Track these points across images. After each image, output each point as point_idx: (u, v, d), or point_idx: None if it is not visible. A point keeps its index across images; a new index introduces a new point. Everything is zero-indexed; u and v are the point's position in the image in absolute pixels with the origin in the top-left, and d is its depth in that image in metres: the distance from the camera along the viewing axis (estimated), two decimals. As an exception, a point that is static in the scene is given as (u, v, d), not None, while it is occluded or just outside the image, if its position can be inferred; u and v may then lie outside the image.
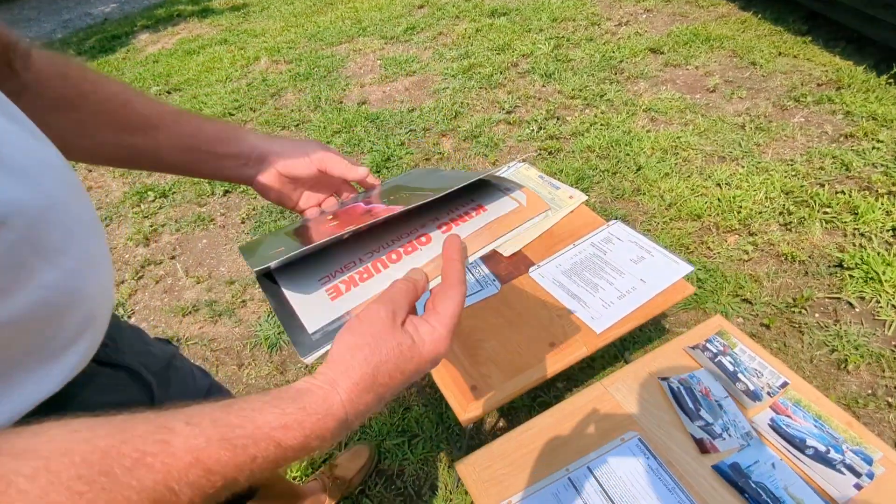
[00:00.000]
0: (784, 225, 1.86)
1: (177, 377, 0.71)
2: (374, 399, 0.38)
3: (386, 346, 0.39)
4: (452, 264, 0.45)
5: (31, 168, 0.40)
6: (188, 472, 0.29)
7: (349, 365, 0.37)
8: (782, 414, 0.91)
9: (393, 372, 0.38)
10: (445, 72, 3.10)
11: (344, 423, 0.36)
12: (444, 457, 1.41)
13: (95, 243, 0.47)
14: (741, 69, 2.70)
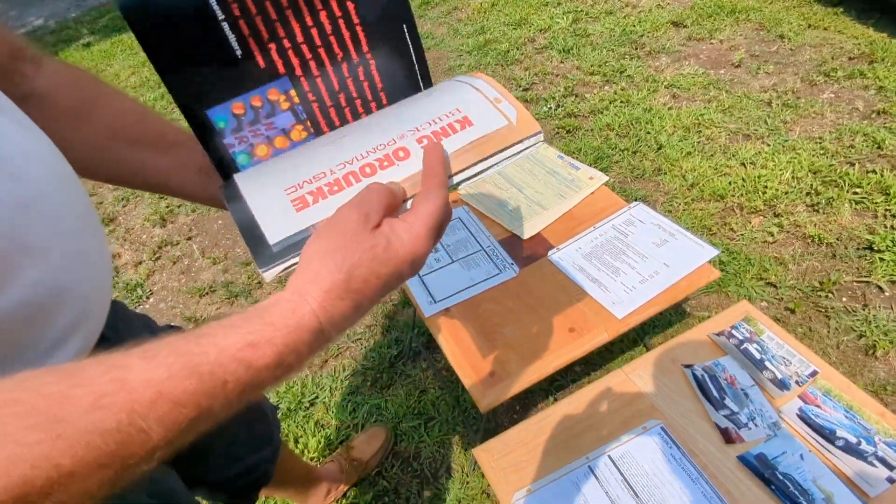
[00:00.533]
0: (811, 206, 1.80)
1: None
2: (351, 307, 0.35)
3: (359, 249, 0.35)
4: (433, 169, 0.41)
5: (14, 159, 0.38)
6: (153, 407, 0.27)
7: (317, 272, 0.34)
8: (811, 404, 0.88)
9: (368, 276, 0.35)
10: (461, 48, 3.03)
11: (319, 334, 0.33)
12: (460, 440, 1.41)
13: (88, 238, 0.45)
14: (768, 43, 2.60)
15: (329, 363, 1.66)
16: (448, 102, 0.49)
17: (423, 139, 0.46)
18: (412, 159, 0.45)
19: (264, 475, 0.86)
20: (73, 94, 0.50)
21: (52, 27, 4.78)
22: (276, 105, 0.48)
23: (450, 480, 1.34)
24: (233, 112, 0.46)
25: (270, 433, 0.88)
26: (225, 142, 0.47)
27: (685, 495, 0.80)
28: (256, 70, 0.46)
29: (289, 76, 0.47)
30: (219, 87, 0.45)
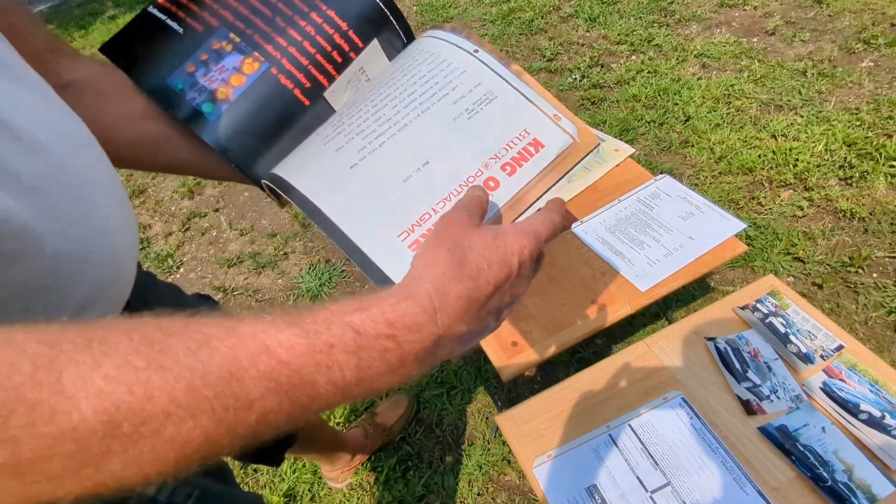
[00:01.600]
0: (844, 179, 1.75)
1: None
2: (466, 292, 0.33)
3: (467, 237, 0.35)
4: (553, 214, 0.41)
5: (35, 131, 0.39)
6: (257, 359, 0.25)
7: (430, 260, 0.34)
8: (835, 378, 0.88)
9: (479, 262, 0.34)
10: (484, 17, 2.98)
11: (431, 313, 0.31)
12: (482, 408, 1.45)
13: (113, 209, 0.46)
14: (805, 8, 2.49)
15: (353, 333, 1.70)
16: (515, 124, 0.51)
17: (507, 166, 0.48)
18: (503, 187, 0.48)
19: (289, 437, 0.90)
20: (110, 79, 0.53)
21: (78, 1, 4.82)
22: (221, 51, 0.52)
23: (471, 447, 1.38)
24: (187, 72, 0.51)
25: None
26: (187, 98, 0.51)
27: (705, 464, 0.82)
28: (196, 34, 0.52)
29: (224, 25, 0.52)
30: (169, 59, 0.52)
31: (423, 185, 0.48)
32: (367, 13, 0.55)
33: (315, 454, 1.29)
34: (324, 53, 0.53)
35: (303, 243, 2.04)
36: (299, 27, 0.53)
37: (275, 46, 0.52)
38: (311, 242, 2.03)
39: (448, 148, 0.50)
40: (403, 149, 0.49)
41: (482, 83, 0.53)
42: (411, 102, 0.51)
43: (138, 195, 2.48)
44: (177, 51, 0.52)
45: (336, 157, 0.49)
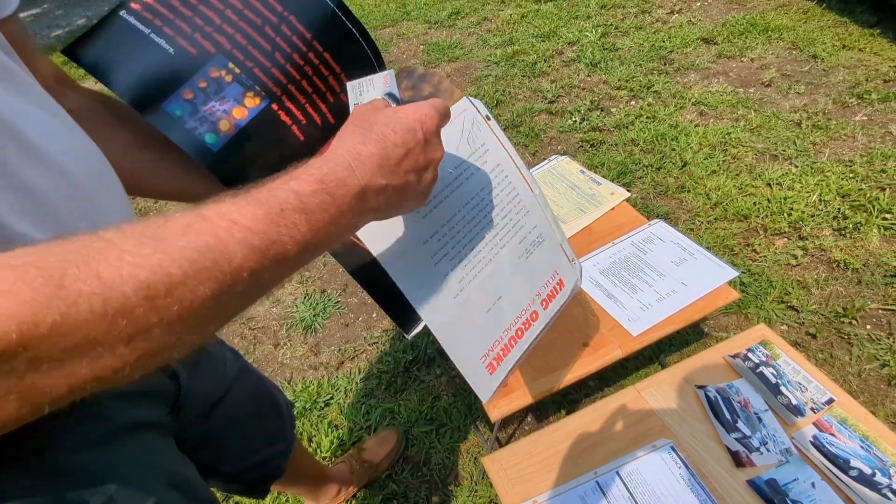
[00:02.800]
0: (838, 230, 1.77)
1: (208, 364, 0.73)
2: (376, 151, 0.41)
3: (370, 116, 0.44)
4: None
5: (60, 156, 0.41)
6: (231, 231, 0.32)
7: (341, 136, 0.42)
8: (826, 432, 0.88)
9: (383, 129, 0.42)
10: (488, 58, 3.06)
11: (350, 169, 0.39)
12: (471, 448, 1.42)
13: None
14: (800, 62, 2.57)
15: (345, 365, 1.69)
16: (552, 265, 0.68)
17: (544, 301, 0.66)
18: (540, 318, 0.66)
19: (277, 469, 0.89)
20: (108, 108, 0.55)
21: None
22: (220, 81, 0.52)
23: (458, 488, 1.35)
24: (184, 99, 0.51)
25: (284, 429, 0.90)
26: (188, 126, 0.51)
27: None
28: (190, 58, 0.51)
29: (220, 53, 0.52)
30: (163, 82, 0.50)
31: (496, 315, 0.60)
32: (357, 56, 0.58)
33: (299, 488, 1.27)
34: (319, 94, 0.56)
35: (299, 273, 2.04)
36: (298, 65, 0.54)
37: (275, 82, 0.53)
38: (307, 272, 2.04)
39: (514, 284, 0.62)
40: (488, 284, 0.61)
41: (537, 226, 0.66)
42: (494, 237, 0.62)
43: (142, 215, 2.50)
44: (170, 74, 0.50)
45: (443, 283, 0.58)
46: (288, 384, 1.66)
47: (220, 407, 0.74)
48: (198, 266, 0.30)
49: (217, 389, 0.74)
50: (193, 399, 0.68)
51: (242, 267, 0.32)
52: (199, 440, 0.72)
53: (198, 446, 0.72)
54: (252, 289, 0.34)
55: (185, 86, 0.51)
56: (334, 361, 1.71)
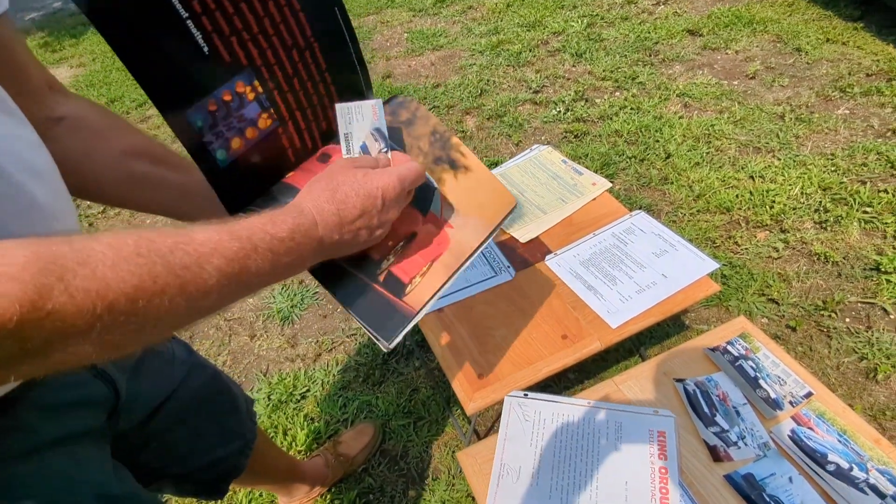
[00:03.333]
0: (819, 223, 1.77)
1: (151, 364, 0.69)
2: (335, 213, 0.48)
3: (342, 175, 0.50)
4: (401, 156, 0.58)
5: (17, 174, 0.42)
6: (211, 257, 0.37)
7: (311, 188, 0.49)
8: (804, 426, 0.86)
9: (349, 192, 0.49)
10: (473, 47, 3.02)
11: (314, 227, 0.46)
12: (448, 441, 1.40)
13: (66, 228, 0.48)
14: (784, 55, 2.56)
15: (322, 357, 1.66)
16: None
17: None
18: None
19: (234, 468, 0.86)
20: (100, 117, 0.56)
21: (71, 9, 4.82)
22: (243, 97, 0.51)
23: (436, 482, 1.33)
24: (208, 110, 0.49)
25: (242, 426, 0.87)
26: (205, 139, 0.50)
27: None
28: (223, 65, 0.49)
29: (251, 67, 0.51)
30: (192, 87, 0.47)
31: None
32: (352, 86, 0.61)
33: (271, 485, 1.24)
34: (317, 122, 0.59)
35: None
36: (308, 94, 0.57)
37: (287, 107, 0.55)
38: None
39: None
40: None
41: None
42: None
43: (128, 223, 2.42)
44: (199, 76, 0.48)
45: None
46: (264, 376, 1.62)
47: (167, 406, 0.70)
48: (179, 280, 0.35)
49: (162, 390, 0.70)
50: (135, 402, 0.64)
51: (213, 287, 0.38)
52: (143, 441, 0.68)
53: (140, 447, 0.68)
54: (214, 304, 0.39)
55: (210, 95, 0.49)
56: (311, 353, 1.67)
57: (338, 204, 0.47)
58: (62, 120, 0.54)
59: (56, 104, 0.54)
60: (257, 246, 0.40)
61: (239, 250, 0.39)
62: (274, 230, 0.42)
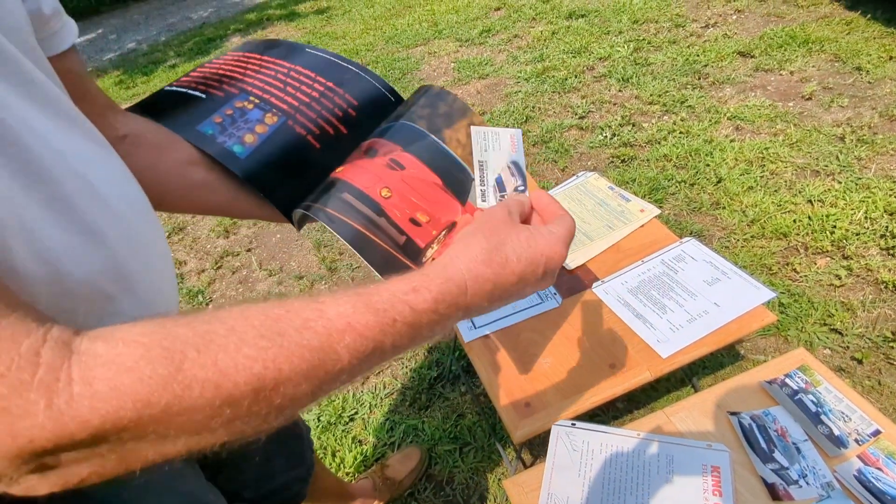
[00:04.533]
0: (886, 249, 1.68)
1: None
2: (491, 277, 0.41)
3: (504, 232, 0.43)
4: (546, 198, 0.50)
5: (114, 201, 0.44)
6: (344, 335, 0.34)
7: (468, 244, 0.42)
8: (872, 466, 0.82)
9: (510, 255, 0.42)
10: (518, 75, 3.07)
11: (464, 292, 0.40)
12: (495, 469, 1.40)
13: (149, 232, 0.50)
14: (843, 75, 2.47)
15: (371, 380, 1.69)
16: None
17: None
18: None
19: (298, 494, 0.88)
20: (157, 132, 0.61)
21: (144, 50, 5.22)
22: (244, 109, 0.61)
23: (482, 509, 1.33)
24: (214, 122, 0.60)
25: (303, 453, 0.90)
26: (218, 140, 0.59)
27: (724, 551, 0.76)
28: (219, 98, 0.62)
29: (243, 92, 0.63)
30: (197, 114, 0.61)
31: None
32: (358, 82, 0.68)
33: (320, 505, 1.26)
34: (328, 110, 0.65)
35: (328, 286, 2.07)
36: (305, 93, 0.64)
37: (289, 106, 0.63)
38: (336, 286, 2.06)
39: None
40: None
41: None
42: None
43: (178, 232, 2.58)
44: (202, 110, 0.61)
45: None
46: (314, 398, 1.67)
47: None
48: (307, 364, 0.32)
49: None
50: None
51: (345, 368, 0.34)
52: (219, 465, 0.72)
53: (218, 472, 0.72)
54: (342, 383, 0.36)
55: (215, 113, 0.61)
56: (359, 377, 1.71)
57: (495, 267, 0.41)
58: (125, 137, 0.58)
59: (119, 123, 0.58)
60: (396, 320, 0.36)
61: (375, 325, 0.35)
62: (416, 301, 0.37)
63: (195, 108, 0.61)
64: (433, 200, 0.60)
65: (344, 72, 0.67)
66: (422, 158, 0.61)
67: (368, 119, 0.65)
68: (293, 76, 0.65)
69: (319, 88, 0.65)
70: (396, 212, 0.58)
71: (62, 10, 0.51)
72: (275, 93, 0.63)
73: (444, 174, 0.62)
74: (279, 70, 0.65)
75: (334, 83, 0.66)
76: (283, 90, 0.64)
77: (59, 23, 0.50)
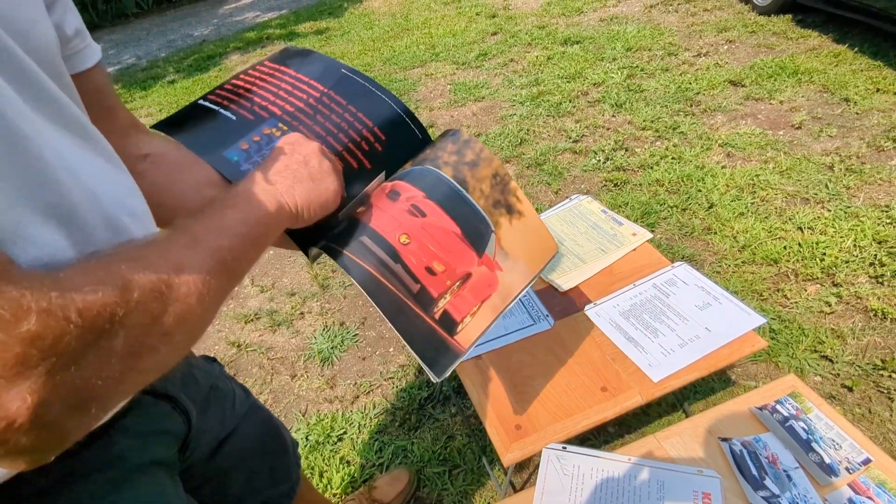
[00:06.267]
0: (874, 277, 1.70)
1: (217, 402, 0.73)
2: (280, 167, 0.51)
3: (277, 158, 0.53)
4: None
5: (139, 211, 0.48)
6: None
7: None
8: (863, 495, 0.82)
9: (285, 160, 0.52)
10: (514, 98, 3.11)
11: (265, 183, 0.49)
12: (483, 492, 1.37)
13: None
14: (832, 105, 2.53)
15: (360, 399, 1.67)
16: None
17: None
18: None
19: None
20: (177, 152, 0.62)
21: (143, 65, 5.26)
22: (271, 136, 0.60)
23: (470, 534, 1.30)
24: (241, 148, 0.60)
25: (289, 468, 0.89)
26: (242, 168, 0.59)
27: (715, 581, 0.75)
28: (248, 121, 0.61)
29: (273, 117, 0.61)
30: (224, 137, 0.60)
31: None
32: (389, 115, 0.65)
33: (306, 528, 1.24)
34: (354, 142, 0.63)
35: (320, 304, 2.06)
36: (334, 122, 0.62)
37: (316, 136, 0.61)
38: (328, 304, 2.05)
39: None
40: None
41: None
42: None
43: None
44: (230, 133, 0.60)
45: None
46: (303, 416, 1.65)
47: (228, 444, 0.73)
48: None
49: (226, 426, 0.74)
50: (203, 436, 0.67)
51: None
52: (204, 478, 0.71)
53: (202, 484, 0.71)
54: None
55: (242, 139, 0.60)
56: (349, 395, 1.69)
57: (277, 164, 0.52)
58: (147, 157, 0.59)
59: (141, 142, 0.59)
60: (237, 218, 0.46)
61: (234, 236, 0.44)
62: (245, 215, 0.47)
63: (223, 131, 0.60)
64: (451, 250, 0.60)
65: (377, 102, 0.66)
66: (444, 206, 0.61)
67: (394, 155, 0.65)
68: (325, 102, 0.64)
69: (349, 119, 0.63)
70: (413, 259, 0.58)
71: (86, 31, 0.53)
72: (304, 120, 0.62)
73: (464, 224, 0.61)
74: (312, 94, 0.64)
75: (365, 114, 0.64)
76: (312, 117, 0.62)
77: (82, 43, 0.52)
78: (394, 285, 0.57)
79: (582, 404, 1.03)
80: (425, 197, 0.61)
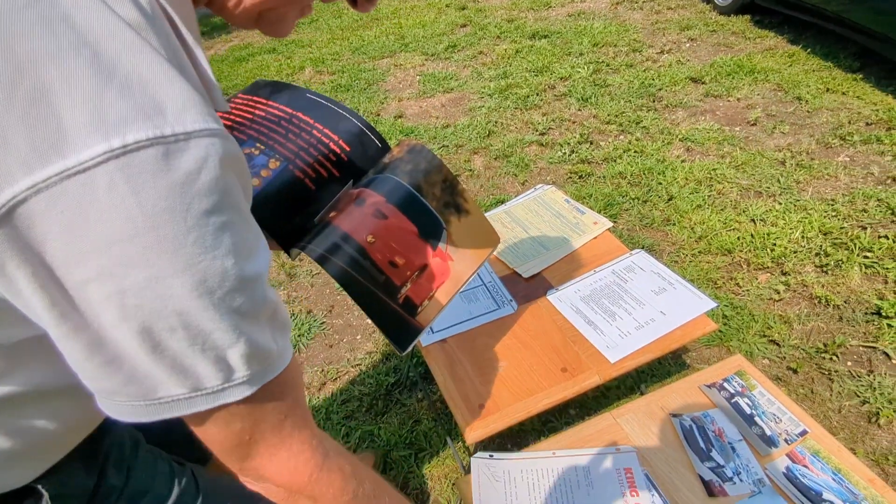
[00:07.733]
0: (820, 266, 1.80)
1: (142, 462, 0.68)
2: None
3: None
4: None
5: None
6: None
7: None
8: (799, 463, 0.88)
9: None
10: (482, 91, 3.14)
11: None
12: (449, 473, 1.40)
13: None
14: (785, 104, 2.64)
15: (327, 386, 1.68)
16: None
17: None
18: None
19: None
20: None
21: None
22: (251, 155, 0.67)
23: (435, 515, 1.33)
24: None
25: None
26: None
27: (663, 546, 0.80)
28: None
29: (251, 139, 0.69)
30: None
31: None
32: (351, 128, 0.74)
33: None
34: (323, 155, 0.71)
35: (287, 292, 2.04)
36: (305, 139, 0.70)
37: (290, 151, 0.69)
38: (295, 292, 2.04)
39: None
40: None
41: None
42: None
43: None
44: None
45: None
46: (268, 405, 1.64)
47: None
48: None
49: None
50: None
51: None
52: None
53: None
54: None
55: None
56: (316, 382, 1.69)
57: None
58: None
59: None
60: None
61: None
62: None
63: None
64: (410, 246, 0.72)
65: (339, 119, 0.74)
66: (402, 209, 0.72)
67: (357, 162, 0.73)
68: (294, 123, 0.72)
69: (317, 135, 0.71)
70: (379, 255, 0.69)
71: None
72: (278, 139, 0.70)
73: (420, 223, 0.73)
74: (282, 117, 0.72)
75: (330, 130, 0.73)
76: (284, 136, 0.70)
77: None
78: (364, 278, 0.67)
79: (543, 384, 1.06)
80: (386, 202, 0.72)
